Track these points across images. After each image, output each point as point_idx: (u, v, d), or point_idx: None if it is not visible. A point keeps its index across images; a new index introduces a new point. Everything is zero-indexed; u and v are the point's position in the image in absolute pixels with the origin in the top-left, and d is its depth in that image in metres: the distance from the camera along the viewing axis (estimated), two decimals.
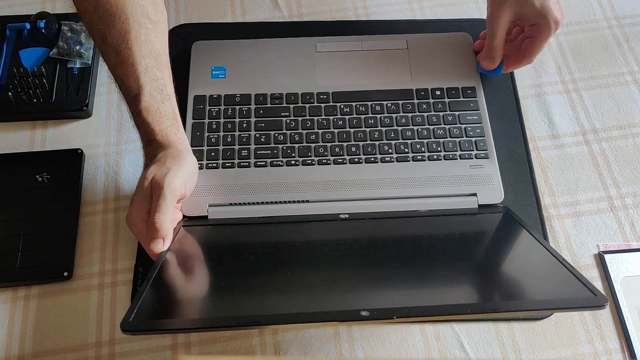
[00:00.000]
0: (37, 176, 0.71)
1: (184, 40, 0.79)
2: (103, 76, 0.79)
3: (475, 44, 0.78)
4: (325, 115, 0.73)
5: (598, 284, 0.66)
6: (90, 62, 0.77)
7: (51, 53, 0.77)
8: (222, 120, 0.72)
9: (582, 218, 0.70)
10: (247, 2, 0.85)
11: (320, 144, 0.71)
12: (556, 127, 0.76)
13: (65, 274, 0.65)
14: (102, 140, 0.75)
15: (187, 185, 0.62)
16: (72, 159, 0.72)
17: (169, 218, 0.58)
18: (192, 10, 0.84)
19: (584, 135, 0.75)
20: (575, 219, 0.70)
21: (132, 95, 0.61)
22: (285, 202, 0.68)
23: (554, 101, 0.77)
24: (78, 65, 0.77)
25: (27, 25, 0.77)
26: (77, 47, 0.77)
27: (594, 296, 0.47)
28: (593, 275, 0.67)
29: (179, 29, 0.82)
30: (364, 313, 0.45)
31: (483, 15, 0.84)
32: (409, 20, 0.83)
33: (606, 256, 0.67)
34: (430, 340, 0.63)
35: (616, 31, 0.83)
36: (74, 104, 0.75)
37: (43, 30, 0.77)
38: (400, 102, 0.74)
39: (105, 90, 0.78)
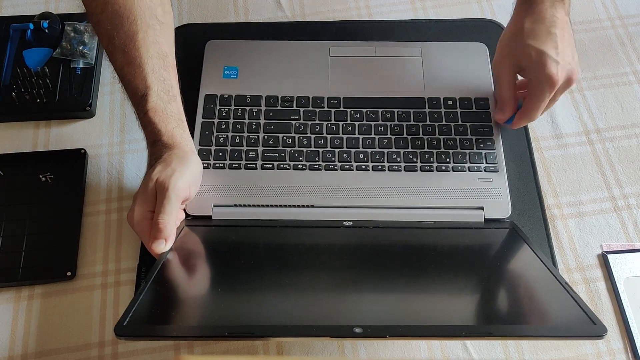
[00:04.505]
0: (41, 176, 0.71)
1: (187, 40, 0.79)
2: (106, 76, 0.79)
3: None
4: (335, 121, 0.73)
5: (601, 284, 0.66)
6: (93, 62, 0.77)
7: (54, 53, 0.77)
8: (231, 121, 0.72)
9: (585, 218, 0.70)
10: (250, 2, 0.85)
11: (329, 149, 0.71)
12: (559, 127, 0.75)
13: (69, 273, 0.65)
14: (106, 140, 0.75)
15: (191, 187, 0.62)
16: (76, 159, 0.72)
17: (173, 219, 0.58)
18: (195, 10, 0.84)
19: (587, 135, 0.75)
20: (578, 219, 0.70)
21: (138, 96, 0.62)
22: (289, 205, 0.68)
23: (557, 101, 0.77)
24: (81, 65, 0.77)
25: (31, 26, 0.77)
26: (81, 47, 0.77)
27: (593, 325, 0.46)
28: (596, 276, 0.66)
29: (182, 28, 0.82)
30: (357, 330, 0.45)
31: (486, 15, 0.84)
32: (412, 21, 0.83)
33: (609, 256, 0.67)
34: (433, 340, 0.63)
35: (619, 31, 0.82)
36: (77, 104, 0.75)
37: (46, 31, 0.77)
38: (412, 110, 0.73)
39: (108, 90, 0.78)
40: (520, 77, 0.69)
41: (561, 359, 0.62)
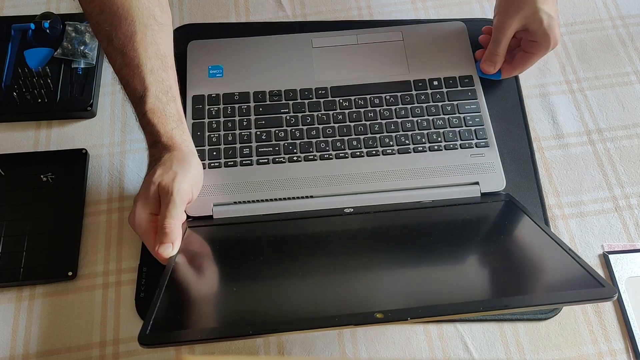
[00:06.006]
0: (42, 176, 0.71)
1: (188, 41, 0.79)
2: (107, 76, 0.79)
3: (479, 38, 0.78)
4: (324, 110, 0.73)
5: None
6: (94, 63, 0.77)
7: (56, 53, 0.77)
8: (222, 119, 0.72)
9: (586, 218, 0.70)
10: (251, 2, 0.85)
11: (322, 139, 0.71)
12: (560, 127, 0.75)
13: (70, 273, 0.65)
14: (107, 140, 0.75)
15: (194, 189, 0.62)
16: (77, 159, 0.72)
17: (179, 223, 0.58)
18: (196, 11, 0.84)
19: (588, 135, 0.75)
20: (579, 219, 0.70)
21: (137, 97, 0.62)
22: (289, 198, 0.68)
23: (558, 101, 0.77)
24: (82, 66, 0.77)
25: (32, 26, 0.77)
26: (82, 48, 0.77)
27: (603, 287, 0.46)
28: None
29: (184, 29, 0.82)
30: (378, 315, 0.45)
31: (487, 15, 0.83)
32: (413, 20, 0.83)
33: (611, 256, 0.67)
34: (434, 340, 0.63)
35: (621, 31, 0.82)
36: (78, 104, 0.75)
37: (47, 31, 0.77)
38: (399, 94, 0.74)
39: (109, 90, 0.78)
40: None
41: (563, 358, 0.62)
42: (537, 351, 0.62)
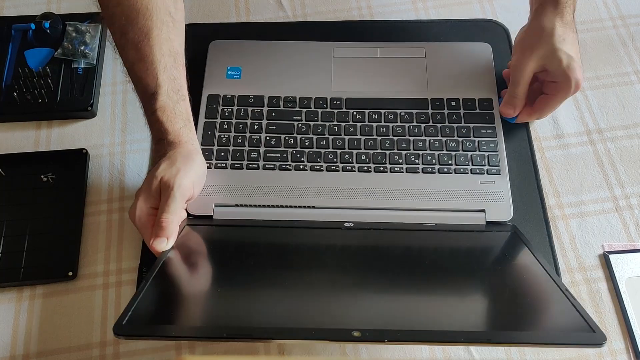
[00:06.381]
0: (42, 176, 0.71)
1: (189, 40, 0.78)
2: (108, 76, 0.79)
3: (503, 72, 0.75)
4: (337, 121, 0.72)
5: (603, 285, 0.66)
6: (94, 63, 0.77)
7: (56, 53, 0.77)
8: (234, 121, 0.72)
9: (586, 218, 0.70)
10: (252, 2, 0.85)
11: (330, 150, 0.71)
12: (561, 127, 0.75)
13: (70, 273, 0.65)
14: (107, 140, 0.75)
15: (195, 187, 0.62)
16: (77, 159, 0.72)
17: (176, 218, 0.58)
18: (197, 10, 0.84)
19: (588, 135, 0.75)
20: (579, 219, 0.70)
21: (149, 94, 0.62)
22: (291, 206, 0.68)
23: None
24: (83, 66, 0.77)
25: (32, 26, 0.77)
26: (82, 48, 0.77)
27: (593, 333, 0.46)
28: (598, 276, 0.66)
29: (185, 28, 0.81)
30: (355, 334, 0.45)
31: (487, 15, 0.83)
32: (414, 21, 0.83)
33: (611, 256, 0.67)
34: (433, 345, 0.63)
35: (621, 31, 0.82)
36: (78, 104, 0.75)
37: (48, 31, 0.77)
38: (414, 111, 0.73)
39: (109, 90, 0.78)
40: None
41: (562, 358, 0.62)
42: (537, 352, 0.62)
